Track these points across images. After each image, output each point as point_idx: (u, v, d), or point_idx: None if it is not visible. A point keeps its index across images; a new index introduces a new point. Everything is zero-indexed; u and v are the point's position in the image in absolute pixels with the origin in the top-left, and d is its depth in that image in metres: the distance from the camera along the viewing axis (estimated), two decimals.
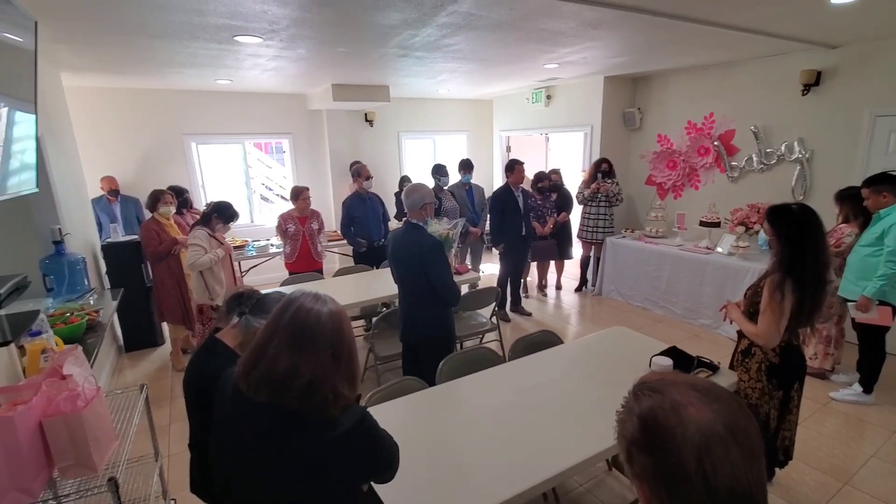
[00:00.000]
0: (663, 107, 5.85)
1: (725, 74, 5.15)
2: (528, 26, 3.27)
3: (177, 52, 3.72)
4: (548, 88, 6.63)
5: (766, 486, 0.67)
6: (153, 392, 3.73)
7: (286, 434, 1.05)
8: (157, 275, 4.14)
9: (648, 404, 0.69)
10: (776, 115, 4.78)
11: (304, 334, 1.08)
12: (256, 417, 1.08)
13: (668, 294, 5.11)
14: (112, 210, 5.24)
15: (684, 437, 0.64)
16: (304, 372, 1.05)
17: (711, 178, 5.44)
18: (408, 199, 2.70)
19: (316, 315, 1.10)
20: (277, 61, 4.22)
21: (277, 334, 1.09)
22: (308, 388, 1.05)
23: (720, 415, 0.65)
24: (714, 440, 0.64)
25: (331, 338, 1.10)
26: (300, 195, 4.56)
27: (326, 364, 1.08)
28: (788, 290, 2.03)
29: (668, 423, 0.66)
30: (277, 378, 1.06)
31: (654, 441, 0.67)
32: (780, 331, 2.08)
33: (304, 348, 1.07)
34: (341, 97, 5.70)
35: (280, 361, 1.06)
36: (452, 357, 2.53)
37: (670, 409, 0.67)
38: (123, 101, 5.67)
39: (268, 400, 1.06)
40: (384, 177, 7.16)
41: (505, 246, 5.02)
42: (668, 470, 0.65)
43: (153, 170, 5.91)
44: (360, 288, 4.06)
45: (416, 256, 2.61)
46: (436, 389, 2.29)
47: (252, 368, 1.09)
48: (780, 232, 2.08)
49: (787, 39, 3.87)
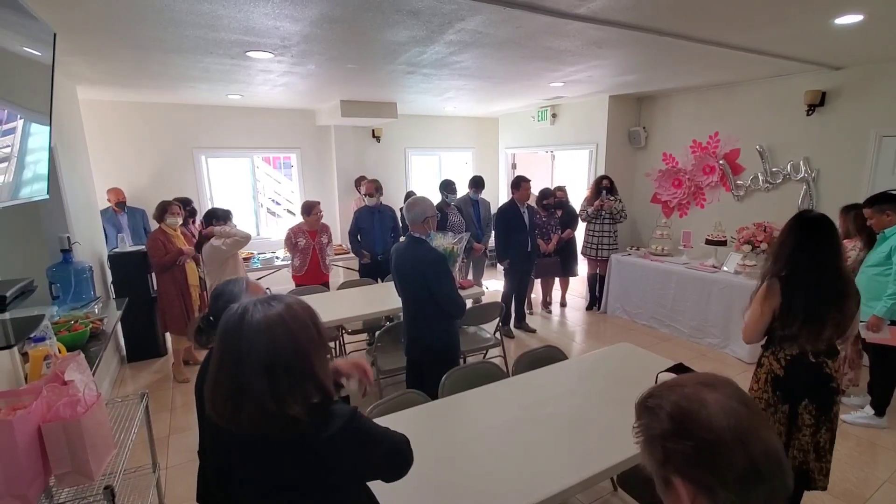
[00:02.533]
0: (668, 126, 5.88)
1: (730, 94, 5.18)
2: (534, 44, 3.31)
3: (190, 66, 3.79)
4: (553, 107, 6.68)
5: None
6: (154, 403, 3.71)
7: (277, 454, 1.02)
8: (161, 285, 4.15)
9: (672, 398, 0.73)
10: (781, 135, 4.78)
11: (235, 356, 0.96)
12: (242, 442, 1.05)
13: (673, 312, 5.06)
14: (118, 221, 5.29)
15: (709, 416, 0.69)
16: (245, 403, 0.95)
17: (717, 196, 5.43)
18: (409, 214, 2.70)
19: (246, 329, 0.97)
20: (288, 77, 4.28)
21: (220, 358, 0.98)
22: (253, 417, 0.96)
23: (728, 393, 0.72)
24: (735, 411, 0.69)
25: (261, 355, 0.96)
26: (312, 210, 4.59)
27: (261, 389, 0.95)
28: (773, 292, 2.07)
29: (692, 407, 0.71)
30: (228, 410, 0.97)
31: (688, 424, 0.70)
32: (757, 330, 2.15)
33: (237, 373, 0.96)
34: (349, 113, 5.77)
35: (223, 390, 0.97)
36: (455, 371, 2.51)
37: (691, 396, 0.72)
38: (136, 115, 5.77)
39: (246, 430, 0.98)
40: (391, 192, 7.18)
41: (510, 262, 5.01)
42: (709, 447, 0.68)
43: (162, 182, 5.98)
44: (364, 301, 4.05)
45: (420, 270, 2.61)
46: (438, 403, 2.27)
47: (211, 399, 0.99)
48: (786, 237, 2.13)
49: (791, 60, 3.90)
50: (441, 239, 3.31)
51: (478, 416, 2.14)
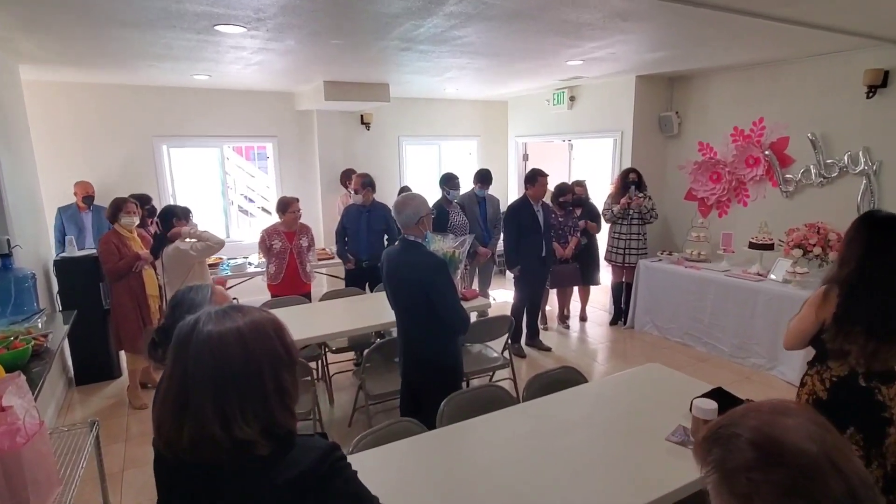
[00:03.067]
0: (705, 110, 5.90)
1: (777, 74, 5.20)
2: (549, 17, 3.33)
3: (150, 42, 3.82)
4: (571, 88, 6.71)
5: None
6: (106, 432, 3.71)
7: (227, 481, 1.01)
8: (115, 295, 4.17)
9: (750, 424, 0.75)
10: (837, 122, 4.79)
11: (183, 374, 0.99)
12: (185, 480, 1.05)
13: (712, 328, 5.05)
14: (82, 220, 5.30)
15: (796, 441, 0.72)
16: (186, 427, 0.97)
17: (762, 192, 5.44)
18: (401, 216, 2.71)
19: (195, 343, 0.99)
20: (263, 54, 4.31)
21: (168, 379, 1.01)
22: (197, 444, 0.97)
23: (807, 418, 0.75)
24: (821, 435, 0.72)
25: (209, 372, 0.99)
26: (288, 207, 4.61)
27: (206, 413, 0.97)
28: (828, 299, 2.10)
29: (775, 434, 0.73)
30: (172, 438, 0.99)
31: (776, 451, 0.72)
32: (802, 335, 2.21)
33: (183, 393, 0.98)
34: (334, 96, 5.80)
35: (168, 412, 0.99)
36: (457, 396, 2.51)
37: (771, 423, 0.75)
38: (87, 99, 5.81)
39: (198, 460, 1.00)
40: (382, 188, 7.17)
41: (521, 269, 5.02)
42: (804, 474, 0.70)
43: (118, 176, 6.01)
44: (350, 314, 4.05)
45: (416, 278, 2.62)
46: (437, 433, 2.27)
47: (157, 428, 1.02)
48: (852, 238, 2.15)
49: (849, 35, 3.91)
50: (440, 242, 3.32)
51: (482, 449, 2.14)
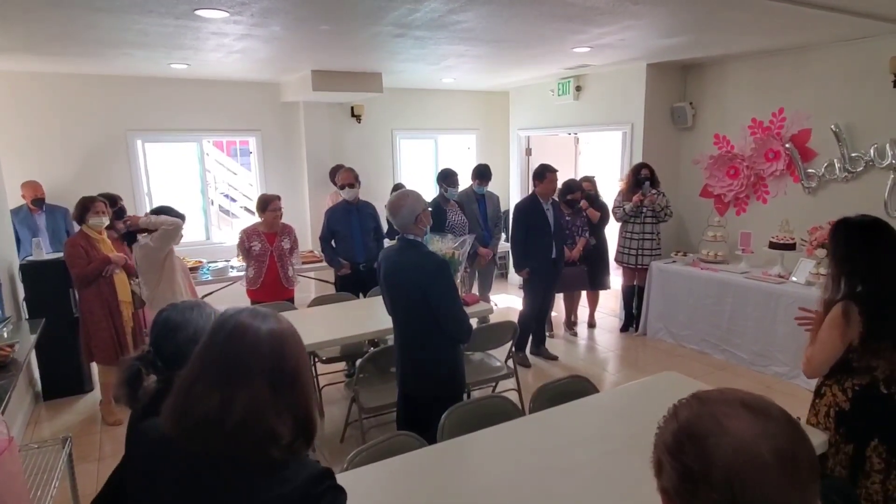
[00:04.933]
0: (721, 101, 5.92)
1: (798, 62, 5.23)
2: (553, 0, 3.34)
3: (125, 28, 3.82)
4: (578, 78, 6.73)
5: None
6: (77, 451, 3.69)
7: (218, 488, 1.08)
8: (85, 302, 4.15)
9: (686, 414, 0.80)
10: (863, 112, 4.82)
11: (238, 361, 1.10)
12: (186, 471, 1.10)
13: (730, 334, 5.07)
14: (34, 222, 5.29)
15: (717, 446, 0.73)
16: (236, 408, 1.06)
17: (783, 188, 5.47)
18: (397, 216, 2.71)
19: (253, 335, 1.12)
20: (246, 41, 4.32)
21: (209, 367, 1.11)
22: (240, 426, 1.06)
23: (767, 434, 0.73)
24: (751, 459, 0.71)
25: (269, 364, 1.11)
26: (268, 205, 4.61)
27: (263, 397, 1.09)
28: (850, 318, 2.09)
29: (703, 431, 0.75)
30: (210, 419, 1.07)
31: (686, 447, 0.76)
32: (829, 363, 2.20)
33: (236, 378, 1.09)
34: (323, 86, 5.80)
35: (212, 399, 1.08)
36: (458, 408, 2.51)
37: (709, 417, 0.77)
38: (56, 90, 5.80)
39: (202, 449, 1.08)
40: (375, 185, 7.22)
41: (531, 272, 5.02)
42: (692, 479, 0.74)
43: (89, 173, 5.99)
44: (342, 321, 4.05)
45: (415, 281, 2.62)
46: (437, 448, 2.27)
47: (183, 413, 1.10)
48: (832, 249, 2.23)
49: (876, 20, 3.93)
50: (439, 242, 3.33)
51: (487, 465, 2.14)
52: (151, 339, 1.56)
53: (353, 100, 7.03)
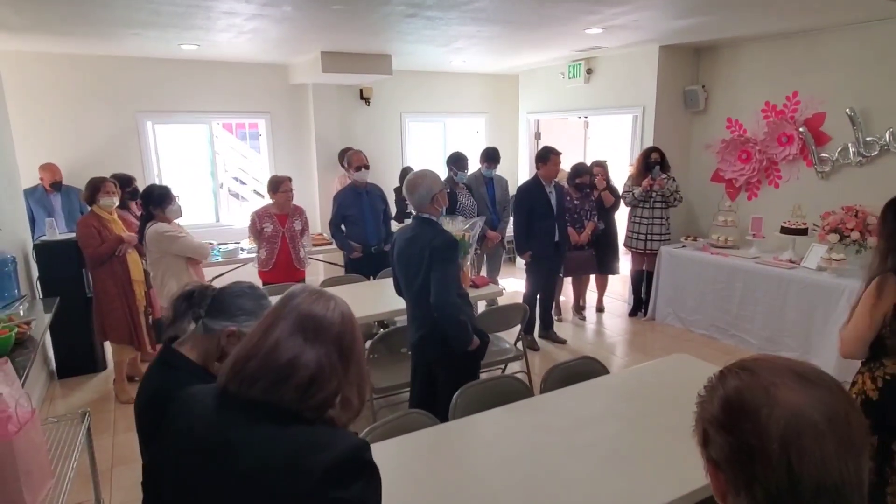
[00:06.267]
0: (734, 84, 5.86)
1: (813, 44, 5.16)
2: None
3: (137, 8, 3.81)
4: (588, 60, 6.68)
5: (864, 485, 0.73)
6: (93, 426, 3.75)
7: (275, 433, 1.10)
8: (98, 282, 4.19)
9: (735, 384, 0.78)
10: (878, 96, 4.77)
11: (313, 322, 1.16)
12: (242, 424, 1.11)
13: (740, 319, 5.07)
14: (50, 202, 5.33)
15: (770, 417, 0.72)
16: (307, 362, 1.12)
17: (795, 173, 5.43)
18: (413, 195, 2.72)
19: (324, 306, 1.19)
20: (257, 21, 4.30)
21: (282, 319, 1.16)
22: (309, 383, 1.11)
23: (818, 400, 0.73)
24: (805, 426, 0.71)
25: (339, 333, 1.17)
26: (280, 186, 4.61)
27: (333, 361, 1.15)
28: (885, 291, 2.06)
29: (754, 403, 0.74)
30: (277, 366, 1.11)
31: (736, 420, 0.75)
32: (862, 340, 2.14)
33: (310, 336, 1.14)
34: (332, 68, 5.79)
35: (283, 348, 1.13)
36: (470, 387, 2.54)
37: (760, 388, 0.75)
38: (67, 71, 5.80)
39: (262, 396, 1.11)
40: (383, 168, 7.21)
41: (533, 255, 5.03)
42: (748, 452, 0.73)
43: (101, 155, 6.01)
44: (352, 302, 3.97)
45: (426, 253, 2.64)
46: (450, 426, 2.30)
47: (249, 359, 1.14)
48: (880, 226, 2.18)
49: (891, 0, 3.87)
50: (450, 225, 3.34)
51: (497, 443, 2.17)
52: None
53: (363, 82, 6.99)
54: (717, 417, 0.77)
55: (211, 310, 1.63)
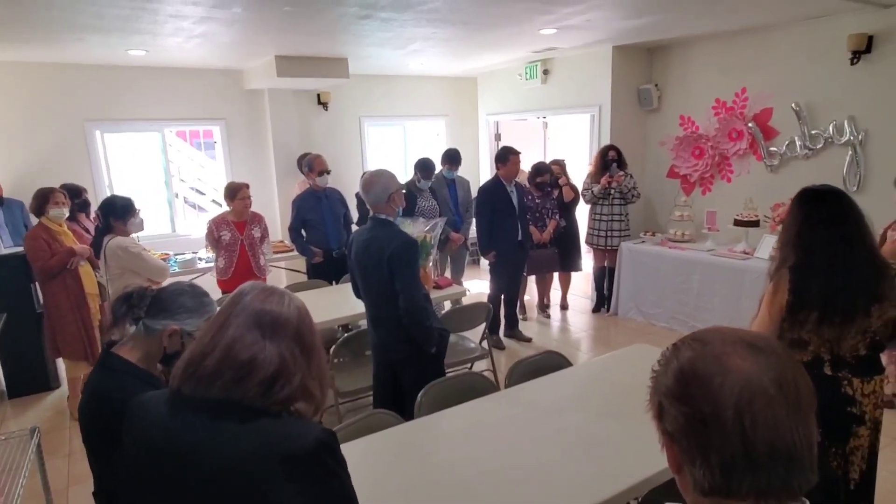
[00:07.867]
0: (686, 82, 6.04)
1: (761, 41, 5.35)
2: None
3: (78, 11, 3.70)
4: (545, 61, 6.78)
5: (814, 447, 0.75)
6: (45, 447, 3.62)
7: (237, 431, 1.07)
8: (49, 297, 4.05)
9: (688, 355, 0.79)
10: (822, 90, 4.96)
11: (269, 317, 1.15)
12: (200, 425, 1.08)
13: (698, 310, 5.20)
14: None
15: (723, 385, 0.74)
16: (270, 357, 1.11)
17: (746, 167, 5.61)
18: (369, 194, 2.72)
19: (279, 301, 1.18)
20: (206, 24, 4.23)
21: (235, 317, 1.14)
22: (273, 379, 1.10)
23: (767, 367, 0.75)
24: (757, 392, 0.73)
25: (297, 328, 1.17)
26: (237, 193, 4.55)
27: (296, 356, 1.14)
28: (780, 286, 2.08)
29: (706, 372, 0.76)
30: (238, 363, 1.09)
31: (690, 390, 0.76)
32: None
33: (268, 333, 1.13)
34: (287, 72, 5.73)
35: (240, 345, 1.11)
36: (435, 385, 2.54)
37: (712, 357, 0.77)
38: (10, 79, 5.60)
39: (222, 394, 1.09)
40: (343, 173, 7.16)
41: (497, 255, 5.07)
42: (702, 420, 0.74)
43: (46, 166, 5.80)
44: (314, 308, 3.95)
45: (386, 254, 2.63)
46: (416, 423, 2.30)
47: (204, 357, 1.11)
48: (789, 217, 2.20)
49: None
50: (410, 226, 3.35)
51: (465, 438, 2.18)
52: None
53: (320, 86, 6.95)
54: (672, 388, 0.78)
55: (151, 310, 1.62)
